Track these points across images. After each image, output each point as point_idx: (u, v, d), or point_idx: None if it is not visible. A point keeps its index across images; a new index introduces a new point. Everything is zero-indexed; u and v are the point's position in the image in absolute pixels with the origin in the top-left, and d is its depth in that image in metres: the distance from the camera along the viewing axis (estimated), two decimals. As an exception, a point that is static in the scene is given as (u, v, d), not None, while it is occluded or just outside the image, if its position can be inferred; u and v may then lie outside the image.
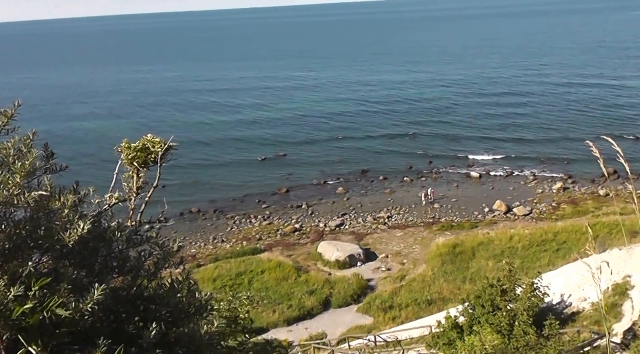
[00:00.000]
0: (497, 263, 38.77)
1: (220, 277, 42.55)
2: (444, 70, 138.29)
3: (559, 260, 35.82)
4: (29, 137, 3.62)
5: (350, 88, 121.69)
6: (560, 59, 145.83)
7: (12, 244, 3.29)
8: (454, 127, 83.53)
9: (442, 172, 65.46)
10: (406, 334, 28.25)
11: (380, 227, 52.56)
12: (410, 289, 39.33)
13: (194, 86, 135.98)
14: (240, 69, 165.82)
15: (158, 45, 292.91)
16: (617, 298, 18.72)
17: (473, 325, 17.82)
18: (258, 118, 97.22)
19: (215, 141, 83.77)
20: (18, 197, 3.32)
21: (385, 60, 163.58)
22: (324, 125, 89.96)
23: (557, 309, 20.53)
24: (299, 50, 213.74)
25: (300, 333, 36.05)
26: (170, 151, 5.93)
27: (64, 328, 3.14)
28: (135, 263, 3.83)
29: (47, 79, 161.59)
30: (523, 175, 62.95)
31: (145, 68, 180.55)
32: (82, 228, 3.37)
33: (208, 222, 56.35)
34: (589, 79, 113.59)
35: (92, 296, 3.18)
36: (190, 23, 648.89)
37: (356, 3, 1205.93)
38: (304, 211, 57.31)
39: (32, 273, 3.22)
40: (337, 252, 45.53)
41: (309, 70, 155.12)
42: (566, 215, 51.29)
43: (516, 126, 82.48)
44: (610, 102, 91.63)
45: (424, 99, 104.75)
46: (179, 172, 62.63)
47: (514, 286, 17.55)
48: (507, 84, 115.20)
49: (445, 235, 48.22)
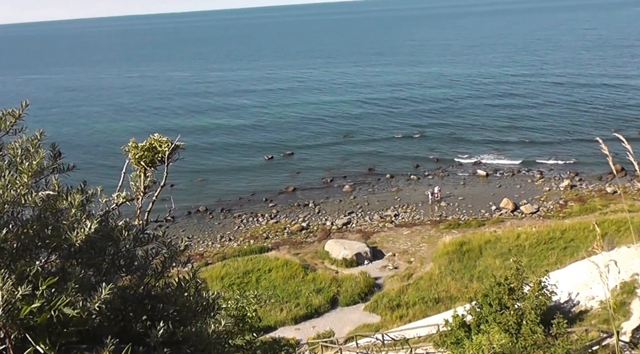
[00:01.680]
0: (504, 262, 38.75)
1: (228, 275, 42.68)
2: (450, 69, 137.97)
3: (566, 258, 35.74)
4: (37, 137, 3.62)
5: (356, 88, 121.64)
6: (565, 56, 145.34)
7: (20, 243, 3.29)
8: (460, 126, 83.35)
9: (449, 171, 65.35)
10: (414, 333, 28.28)
11: (387, 225, 52.52)
12: (417, 287, 39.33)
13: (200, 86, 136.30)
14: (247, 68, 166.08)
15: (166, 46, 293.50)
16: (626, 297, 18.66)
17: (481, 324, 17.79)
18: (265, 118, 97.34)
19: (222, 141, 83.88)
20: (26, 197, 3.32)
21: (390, 60, 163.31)
22: (331, 124, 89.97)
23: (565, 308, 20.48)
24: (305, 50, 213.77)
25: (308, 332, 36.10)
26: (177, 150, 5.93)
27: (72, 326, 3.14)
28: (142, 262, 3.82)
29: (55, 80, 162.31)
30: (530, 173, 62.73)
31: (152, 68, 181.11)
32: (89, 227, 3.36)
33: (215, 221, 56.50)
34: (594, 77, 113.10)
35: (100, 295, 3.17)
36: (198, 23, 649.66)
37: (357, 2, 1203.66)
38: (311, 209, 57.35)
39: (40, 272, 3.22)
40: (344, 251, 45.54)
41: (315, 70, 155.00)
42: (573, 213, 51.10)
43: (522, 124, 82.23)
44: (616, 100, 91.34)
45: (430, 98, 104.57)
46: (186, 171, 62.84)
47: (522, 285, 17.51)
48: (513, 82, 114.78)
49: (453, 233, 48.17)
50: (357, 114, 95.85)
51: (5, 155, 3.56)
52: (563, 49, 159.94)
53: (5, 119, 3.66)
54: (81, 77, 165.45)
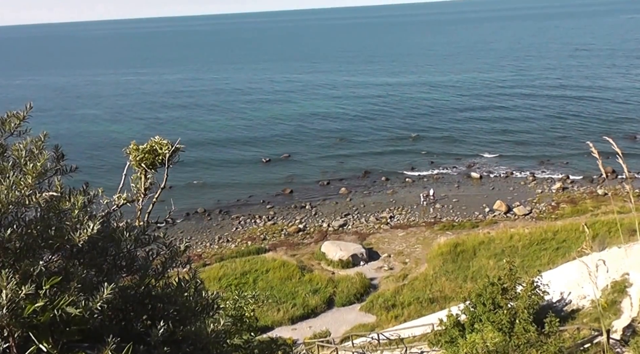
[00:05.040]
0: (497, 262, 38.85)
1: (225, 276, 42.64)
2: (445, 73, 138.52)
3: (558, 259, 35.89)
4: (40, 139, 3.66)
5: (352, 90, 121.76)
6: (557, 61, 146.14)
7: (24, 243, 3.33)
8: (454, 129, 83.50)
9: (443, 173, 65.48)
10: (409, 333, 28.35)
11: (383, 227, 52.61)
12: (412, 288, 39.39)
13: (199, 89, 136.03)
14: (245, 71, 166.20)
15: (163, 49, 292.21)
16: (616, 296, 18.81)
17: (474, 323, 17.90)
18: (263, 120, 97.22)
19: (220, 143, 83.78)
20: (30, 197, 3.37)
21: (385, 65, 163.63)
22: (327, 127, 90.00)
23: (557, 307, 20.62)
24: (301, 54, 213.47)
25: (305, 332, 36.11)
26: (177, 153, 5.99)
27: (74, 326, 3.19)
28: (143, 263, 3.88)
29: (54, 82, 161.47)
30: (522, 176, 63.00)
31: (150, 71, 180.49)
32: (91, 228, 3.41)
33: (214, 222, 56.44)
34: (585, 80, 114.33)
35: (102, 295, 3.22)
36: (197, 27, 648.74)
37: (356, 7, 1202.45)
38: (307, 211, 57.37)
39: (43, 272, 3.25)
40: (341, 252, 45.58)
41: (312, 72, 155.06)
42: (565, 214, 51.46)
43: (515, 127, 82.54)
44: (606, 103, 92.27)
45: (425, 101, 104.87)
46: (185, 173, 62.66)
47: (515, 285, 17.62)
48: (505, 86, 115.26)
49: (447, 235, 48.29)
50: (352, 117, 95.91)
51: (10, 156, 3.60)
52: (556, 54, 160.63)
53: (9, 121, 3.71)
54: (80, 80, 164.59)
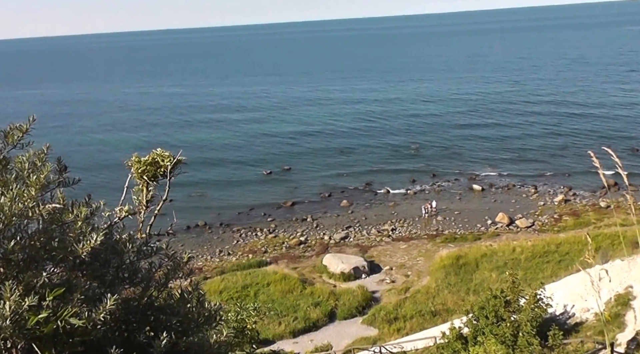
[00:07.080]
0: (500, 275, 38.69)
1: (226, 289, 42.56)
2: (443, 85, 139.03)
3: (561, 271, 35.79)
4: (43, 151, 3.67)
5: (353, 104, 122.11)
6: (559, 74, 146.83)
7: (27, 255, 3.34)
8: (455, 141, 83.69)
9: (445, 186, 65.53)
10: (411, 346, 28.25)
11: (385, 239, 52.56)
12: (414, 300, 39.28)
13: (200, 102, 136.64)
14: (245, 84, 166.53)
15: (163, 62, 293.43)
16: (620, 308, 18.74)
17: (477, 336, 17.82)
18: (264, 133, 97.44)
19: (221, 156, 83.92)
20: (33, 209, 3.37)
21: (385, 77, 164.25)
22: (328, 140, 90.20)
23: (561, 320, 20.53)
24: (302, 67, 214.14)
25: (306, 345, 35.97)
26: (179, 165, 6.01)
27: (77, 337, 3.19)
28: (145, 274, 3.88)
29: (55, 95, 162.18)
30: (525, 188, 63.01)
31: (150, 84, 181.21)
32: (94, 240, 3.42)
33: (214, 235, 56.41)
34: (586, 94, 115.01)
35: (105, 306, 3.22)
36: (197, 39, 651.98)
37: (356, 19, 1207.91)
38: (309, 224, 57.35)
39: (46, 283, 3.26)
40: (342, 265, 45.49)
41: (312, 85, 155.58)
42: (568, 227, 51.41)
43: (517, 139, 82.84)
44: (608, 116, 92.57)
45: (426, 114, 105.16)
46: (186, 186, 62.69)
47: (518, 297, 17.57)
48: (508, 100, 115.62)
49: (449, 247, 48.23)
50: (354, 129, 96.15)
51: (13, 169, 3.61)
52: (557, 67, 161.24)
53: (12, 133, 3.73)
54: (80, 93, 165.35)
